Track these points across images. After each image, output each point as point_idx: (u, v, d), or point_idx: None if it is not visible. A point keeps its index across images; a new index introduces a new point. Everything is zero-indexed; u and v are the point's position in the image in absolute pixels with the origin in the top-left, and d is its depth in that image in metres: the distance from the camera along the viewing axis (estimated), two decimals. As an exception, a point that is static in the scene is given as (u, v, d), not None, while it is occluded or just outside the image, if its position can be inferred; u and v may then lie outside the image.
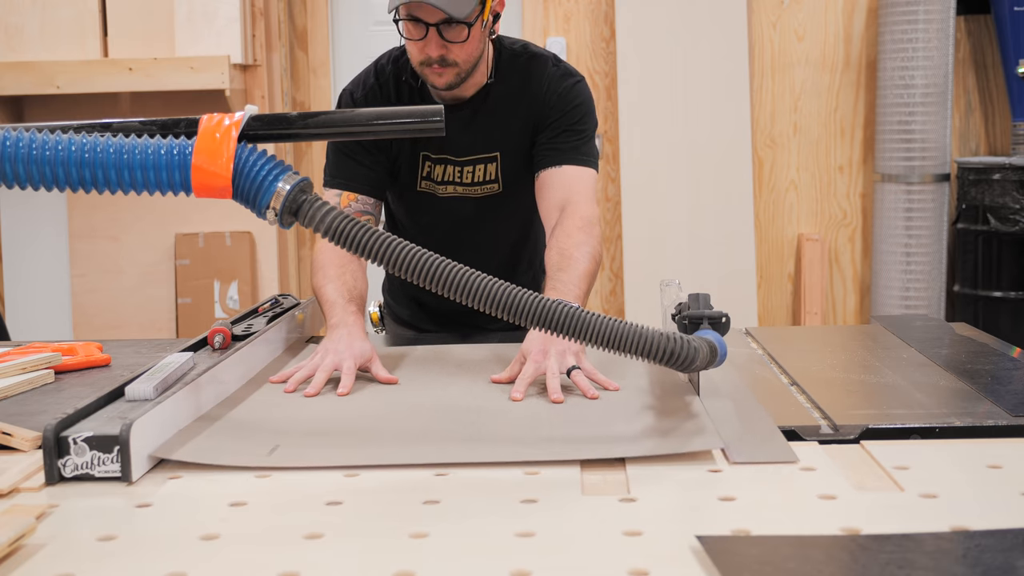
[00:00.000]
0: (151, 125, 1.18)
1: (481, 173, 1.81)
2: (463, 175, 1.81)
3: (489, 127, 1.79)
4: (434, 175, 1.82)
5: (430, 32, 1.63)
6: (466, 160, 1.80)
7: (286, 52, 4.25)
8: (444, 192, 1.83)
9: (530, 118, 1.78)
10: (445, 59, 1.66)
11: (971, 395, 1.34)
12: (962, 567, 0.84)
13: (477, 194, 1.83)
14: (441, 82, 1.70)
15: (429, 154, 1.81)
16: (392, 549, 0.89)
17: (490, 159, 1.80)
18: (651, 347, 1.15)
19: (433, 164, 1.81)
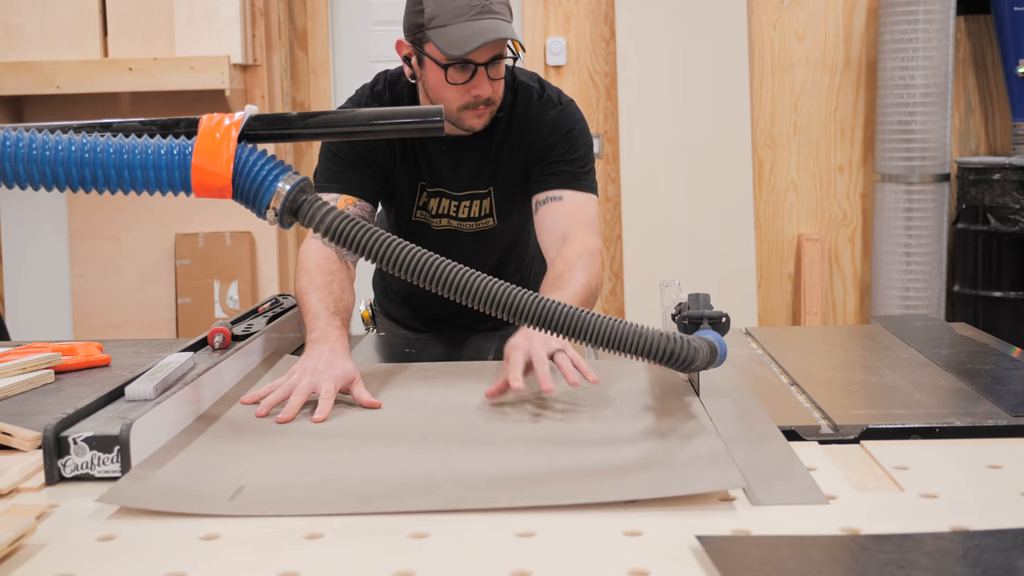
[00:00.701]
0: (151, 125, 1.18)
1: (477, 209, 1.78)
2: (458, 210, 1.78)
3: (482, 162, 1.75)
4: (429, 207, 1.79)
5: (479, 72, 1.59)
6: (462, 195, 1.77)
7: (286, 52, 4.25)
8: (438, 224, 1.81)
9: (520, 151, 1.74)
10: (491, 99, 1.64)
11: (971, 395, 1.34)
12: (962, 567, 0.84)
13: (471, 229, 1.80)
14: (480, 123, 1.66)
15: (426, 186, 1.77)
16: (392, 550, 0.89)
17: (484, 195, 1.77)
18: (651, 347, 1.15)
19: (429, 196, 1.78)
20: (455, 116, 1.64)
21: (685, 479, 1.03)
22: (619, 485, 1.02)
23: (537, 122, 1.73)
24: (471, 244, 1.82)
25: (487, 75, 1.61)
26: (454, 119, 1.65)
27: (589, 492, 1.00)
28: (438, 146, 1.74)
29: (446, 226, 1.81)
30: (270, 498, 1.00)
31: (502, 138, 1.74)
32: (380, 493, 1.02)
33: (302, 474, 1.08)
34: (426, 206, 1.79)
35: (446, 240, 1.81)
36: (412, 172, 1.77)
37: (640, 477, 1.05)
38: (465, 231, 1.81)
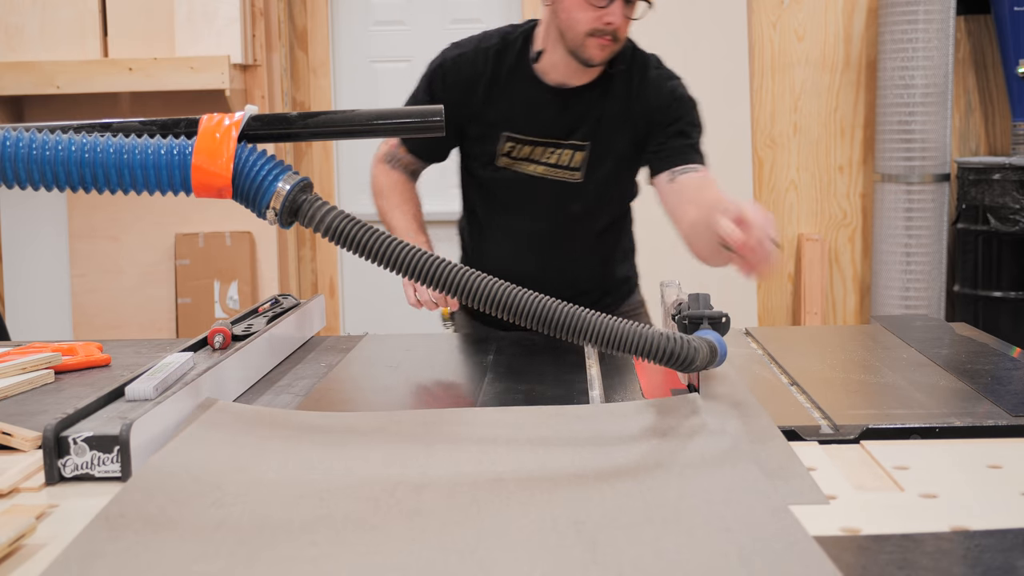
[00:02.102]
0: (151, 125, 1.18)
1: (567, 158, 1.81)
2: (545, 155, 1.82)
3: (584, 114, 1.80)
4: (516, 153, 1.83)
5: (616, 2, 1.68)
6: (555, 143, 1.81)
7: (286, 52, 4.25)
8: (523, 170, 1.83)
9: (632, 115, 1.79)
10: (617, 35, 1.70)
11: (971, 395, 1.34)
12: (962, 567, 0.84)
13: (556, 176, 1.83)
14: (602, 55, 1.72)
15: (515, 133, 1.82)
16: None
17: (580, 147, 1.81)
18: (651, 347, 1.15)
19: (517, 143, 1.82)
20: (579, 42, 1.71)
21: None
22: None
23: (656, 88, 1.80)
24: (552, 194, 1.84)
25: (623, 8, 1.69)
26: (577, 45, 1.72)
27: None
28: (542, 92, 1.80)
29: (532, 172, 1.83)
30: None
31: (613, 96, 1.79)
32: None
33: (277, 544, 0.88)
34: (511, 154, 1.83)
35: (527, 188, 1.84)
36: (502, 119, 1.82)
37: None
38: (549, 179, 1.83)
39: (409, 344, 1.79)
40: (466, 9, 4.38)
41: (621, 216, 1.97)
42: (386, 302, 4.46)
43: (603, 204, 1.89)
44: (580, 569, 0.81)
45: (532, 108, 1.80)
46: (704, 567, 0.81)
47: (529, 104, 1.81)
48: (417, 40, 4.40)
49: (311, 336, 1.81)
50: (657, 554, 0.84)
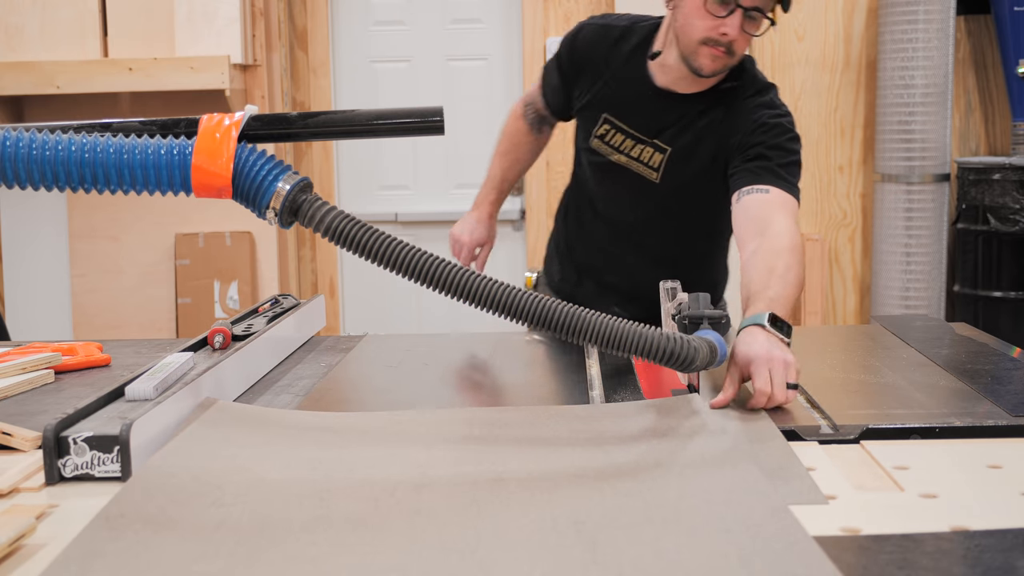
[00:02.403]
0: (151, 125, 1.18)
1: (648, 155, 1.82)
2: (634, 149, 1.83)
3: (680, 123, 1.79)
4: (608, 138, 1.85)
5: (736, 13, 1.65)
6: (643, 139, 1.82)
7: (286, 52, 4.25)
8: (610, 155, 1.86)
9: (718, 139, 1.76)
10: (731, 48, 1.68)
11: (971, 395, 1.34)
12: (962, 567, 0.84)
13: (636, 169, 1.84)
14: (713, 66, 1.70)
15: (612, 118, 1.84)
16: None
17: (662, 149, 1.81)
18: (651, 347, 1.15)
19: (612, 128, 1.84)
20: (692, 48, 1.70)
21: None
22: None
23: (747, 116, 1.75)
24: (633, 187, 1.85)
25: (742, 21, 1.65)
26: (689, 52, 1.71)
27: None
28: (648, 89, 1.82)
29: (616, 160, 1.85)
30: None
31: (710, 113, 1.78)
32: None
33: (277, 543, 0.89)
34: (604, 137, 1.85)
35: (610, 175, 1.87)
36: (606, 101, 1.85)
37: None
38: (632, 170, 1.85)
39: (409, 344, 1.79)
40: (466, 9, 4.38)
41: (703, 237, 1.93)
42: (386, 302, 4.46)
43: (677, 212, 1.87)
44: (580, 569, 0.81)
45: (634, 101, 1.83)
46: (704, 567, 0.81)
47: (633, 97, 1.83)
48: (417, 40, 4.41)
49: (311, 336, 1.81)
50: (657, 554, 0.84)
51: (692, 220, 1.88)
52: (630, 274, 1.93)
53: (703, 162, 1.78)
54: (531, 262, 4.36)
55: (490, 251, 2.05)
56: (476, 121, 4.42)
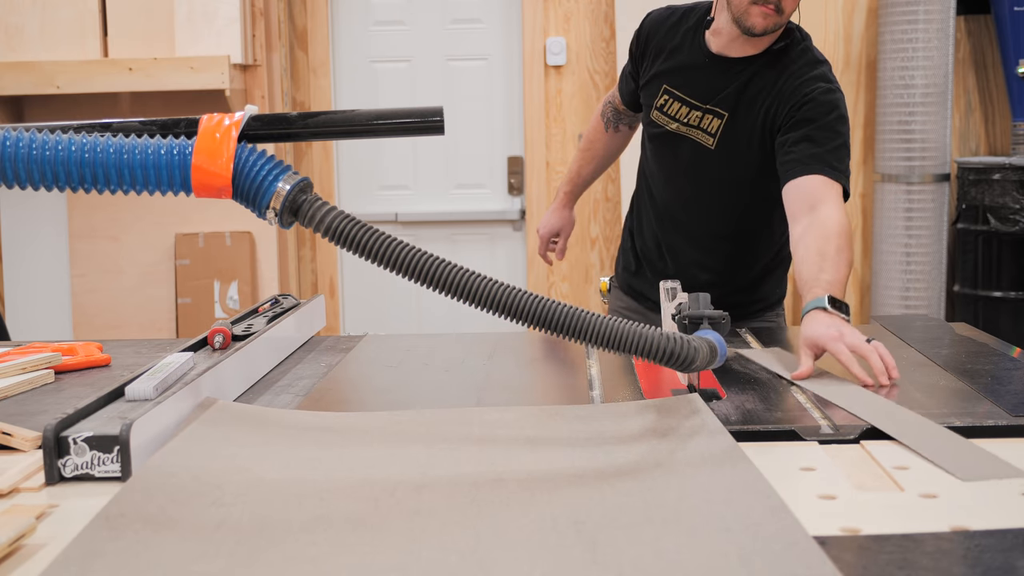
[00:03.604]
0: (151, 125, 1.18)
1: (706, 122, 1.90)
2: (692, 118, 1.91)
3: (734, 87, 1.86)
4: (667, 109, 1.94)
5: None
6: (699, 106, 1.90)
7: (286, 52, 4.25)
8: (668, 125, 1.94)
9: (769, 104, 1.82)
10: (780, 5, 1.75)
11: (971, 395, 1.34)
12: (962, 567, 0.84)
13: (694, 136, 1.91)
14: (763, 24, 1.77)
15: (671, 88, 1.94)
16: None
17: (719, 114, 1.88)
18: (651, 347, 1.15)
19: (670, 99, 1.94)
20: (743, 8, 1.77)
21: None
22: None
23: (797, 83, 1.80)
24: (688, 155, 1.92)
25: None
26: (740, 11, 1.78)
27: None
28: (703, 57, 1.90)
29: (675, 129, 1.93)
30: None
31: (762, 74, 1.84)
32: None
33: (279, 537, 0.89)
34: (663, 108, 1.95)
35: (670, 144, 1.95)
36: (665, 72, 1.95)
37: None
38: (688, 138, 1.92)
39: (409, 344, 1.79)
40: (466, 9, 4.38)
41: (755, 214, 1.96)
42: (386, 302, 4.47)
43: (730, 181, 1.91)
44: (580, 569, 0.81)
45: (690, 69, 1.92)
46: (704, 567, 0.81)
47: (689, 65, 1.92)
48: (417, 40, 4.41)
49: (311, 336, 1.81)
50: (657, 554, 0.84)
51: (743, 191, 1.91)
52: (683, 259, 2.01)
53: (756, 126, 1.84)
54: (531, 262, 4.37)
55: (567, 238, 2.25)
56: (476, 121, 4.42)
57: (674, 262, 2.01)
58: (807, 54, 1.85)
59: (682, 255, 2.00)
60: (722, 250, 1.97)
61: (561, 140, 4.31)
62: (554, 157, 4.34)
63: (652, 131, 2.00)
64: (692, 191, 1.95)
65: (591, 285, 4.35)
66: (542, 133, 4.30)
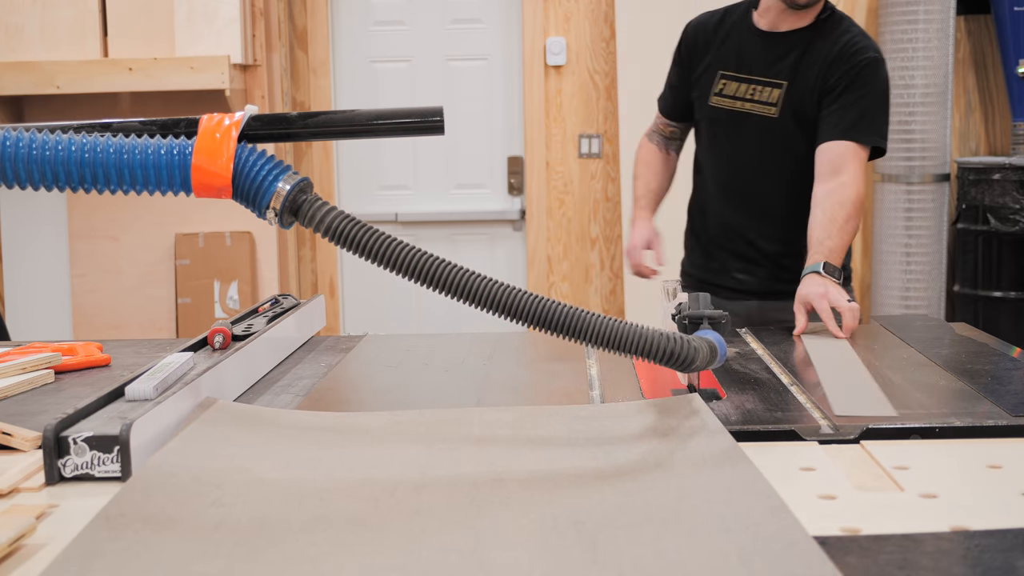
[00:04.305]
0: (151, 125, 1.18)
1: (767, 95, 2.05)
2: (753, 93, 2.06)
3: (786, 55, 2.03)
4: (726, 91, 2.09)
5: None
6: (757, 80, 2.06)
7: (286, 52, 4.25)
8: (730, 106, 2.09)
9: (820, 67, 1.99)
10: None
11: (971, 395, 1.34)
12: (962, 567, 0.84)
13: (757, 111, 2.06)
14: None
15: (726, 71, 2.09)
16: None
17: (777, 84, 2.04)
18: (651, 347, 1.15)
19: (728, 81, 2.09)
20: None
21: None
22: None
23: (844, 49, 1.99)
24: (756, 130, 2.07)
25: None
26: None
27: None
28: (754, 35, 2.08)
29: (739, 108, 2.08)
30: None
31: (812, 42, 2.02)
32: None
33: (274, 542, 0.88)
34: (722, 92, 2.09)
35: (733, 123, 2.09)
36: (719, 60, 2.11)
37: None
38: (754, 113, 2.06)
39: (409, 344, 1.79)
40: (466, 9, 4.38)
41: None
42: (386, 302, 4.47)
43: (798, 146, 2.04)
44: (580, 569, 0.81)
45: (743, 48, 2.09)
46: (704, 567, 0.81)
47: (741, 45, 2.09)
48: (417, 40, 4.41)
49: (311, 336, 1.81)
50: (657, 554, 0.84)
51: (809, 156, 2.02)
52: (752, 234, 2.14)
53: (814, 91, 2.00)
54: (531, 262, 4.37)
55: (661, 245, 2.20)
56: (476, 121, 4.42)
57: (745, 241, 2.14)
58: (853, 26, 2.03)
59: (752, 230, 2.13)
60: (792, 219, 2.07)
61: (561, 140, 4.31)
62: (554, 157, 4.33)
63: (711, 117, 2.12)
64: (760, 164, 2.09)
65: (591, 285, 4.35)
66: (542, 133, 4.30)
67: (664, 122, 2.29)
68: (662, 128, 2.30)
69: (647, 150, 2.30)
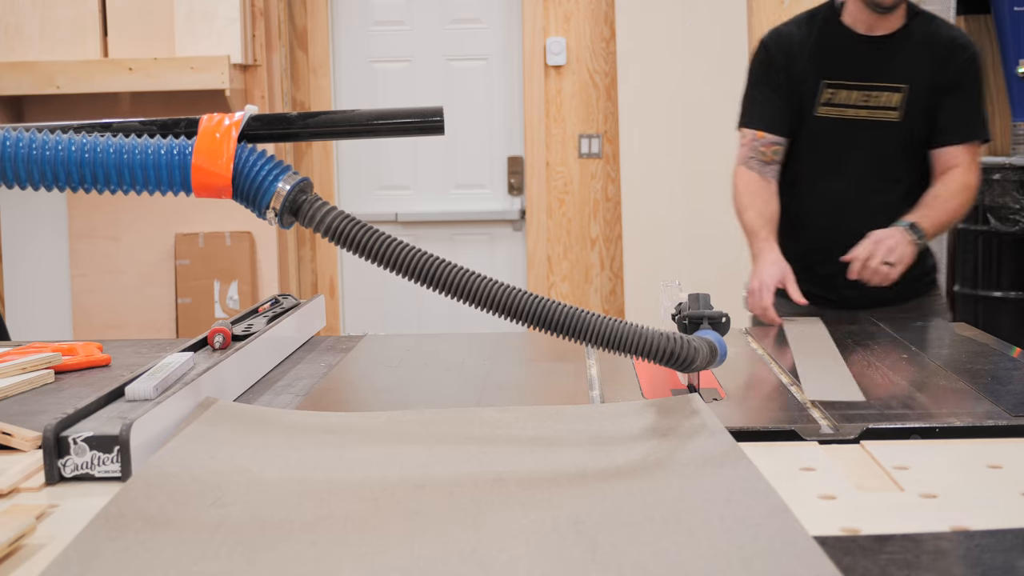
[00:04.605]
0: (151, 125, 1.18)
1: (885, 99, 2.06)
2: (868, 100, 2.07)
3: (899, 59, 2.05)
4: (836, 100, 2.09)
5: None
6: (871, 86, 2.06)
7: (286, 52, 4.25)
8: (843, 115, 2.09)
9: (928, 64, 2.04)
10: None
11: (971, 395, 1.34)
12: (962, 567, 0.84)
13: (875, 117, 2.07)
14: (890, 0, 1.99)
15: (832, 80, 2.08)
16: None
17: (895, 89, 2.05)
18: (651, 347, 1.15)
19: (836, 90, 2.08)
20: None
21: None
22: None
23: (948, 42, 2.06)
24: (872, 136, 2.08)
25: None
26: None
27: None
28: (852, 40, 2.08)
29: (853, 116, 2.08)
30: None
31: (914, 41, 2.06)
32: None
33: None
34: (830, 101, 2.09)
35: (847, 132, 2.09)
36: (819, 70, 2.09)
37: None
38: (868, 120, 2.08)
39: (409, 344, 1.79)
40: (466, 9, 4.38)
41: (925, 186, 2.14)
42: (386, 302, 4.47)
43: (918, 145, 2.09)
44: (580, 569, 0.81)
45: (845, 54, 2.08)
46: (704, 567, 0.81)
47: (842, 51, 2.09)
48: (417, 40, 4.41)
49: (311, 336, 1.81)
50: (657, 554, 0.84)
51: (925, 157, 2.09)
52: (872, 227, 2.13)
53: (931, 89, 2.04)
54: (531, 262, 4.37)
55: (793, 280, 2.00)
56: (476, 121, 4.42)
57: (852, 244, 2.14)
58: (940, 19, 2.09)
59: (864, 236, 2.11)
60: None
61: (561, 140, 4.31)
62: (554, 157, 4.33)
63: (817, 129, 2.11)
64: (879, 169, 2.10)
65: (591, 285, 4.35)
66: (542, 133, 4.30)
67: (768, 142, 2.16)
68: (762, 151, 2.17)
69: (747, 178, 2.17)
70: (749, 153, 2.18)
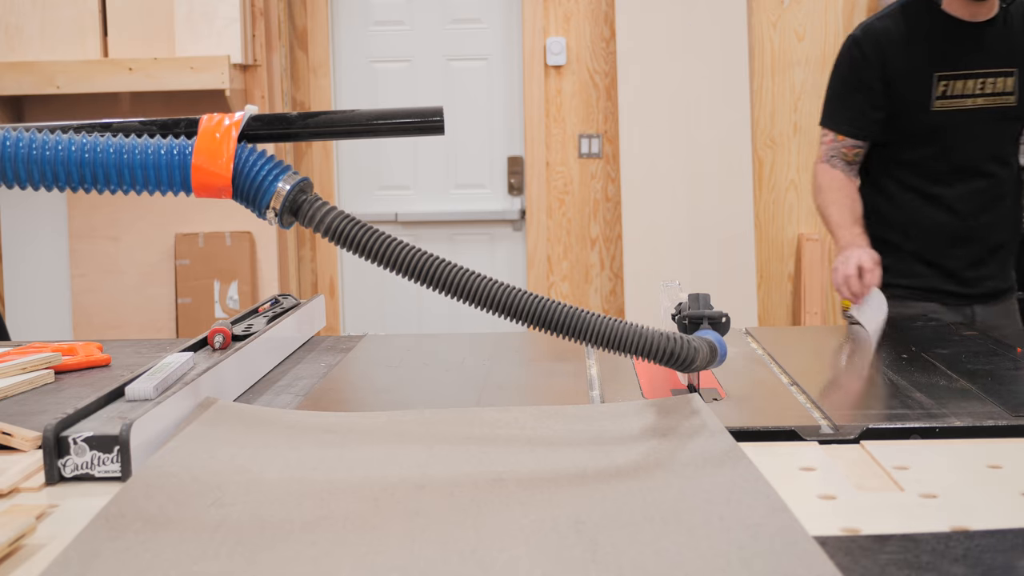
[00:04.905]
0: (151, 125, 1.18)
1: (1001, 85, 2.07)
2: (984, 87, 2.07)
3: (1005, 44, 2.06)
4: (952, 91, 2.07)
5: None
6: (985, 72, 2.06)
7: (286, 52, 4.25)
8: (962, 105, 2.08)
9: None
10: None
11: (971, 395, 1.34)
12: (962, 567, 0.84)
13: (991, 104, 2.08)
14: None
15: (945, 72, 2.06)
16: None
17: (1008, 73, 2.06)
18: (651, 347, 1.15)
19: (950, 81, 2.06)
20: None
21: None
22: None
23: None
24: (989, 125, 2.10)
25: None
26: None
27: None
28: (958, 28, 2.06)
29: (971, 105, 2.08)
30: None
31: (1012, 24, 2.07)
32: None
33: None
34: (946, 94, 2.07)
35: (966, 123, 2.08)
36: (930, 63, 2.07)
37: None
38: (990, 107, 2.08)
39: (409, 344, 1.79)
40: (466, 9, 4.39)
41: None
42: (386, 302, 4.47)
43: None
44: (580, 569, 0.81)
45: (954, 44, 2.07)
46: (704, 567, 0.81)
47: (950, 41, 2.07)
48: (417, 40, 4.41)
49: (311, 336, 1.81)
50: (657, 554, 0.84)
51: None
52: (980, 234, 2.15)
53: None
54: (531, 262, 4.37)
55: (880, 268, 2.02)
56: (476, 121, 4.42)
57: (975, 239, 2.15)
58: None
59: (983, 225, 2.14)
60: (1019, 198, 2.16)
61: (561, 140, 4.31)
62: (554, 157, 4.34)
63: (935, 124, 2.08)
64: (997, 153, 2.12)
65: (591, 285, 4.35)
66: (542, 133, 4.30)
67: (849, 144, 2.19)
68: (844, 152, 2.20)
69: (831, 176, 2.20)
70: (831, 152, 2.21)
